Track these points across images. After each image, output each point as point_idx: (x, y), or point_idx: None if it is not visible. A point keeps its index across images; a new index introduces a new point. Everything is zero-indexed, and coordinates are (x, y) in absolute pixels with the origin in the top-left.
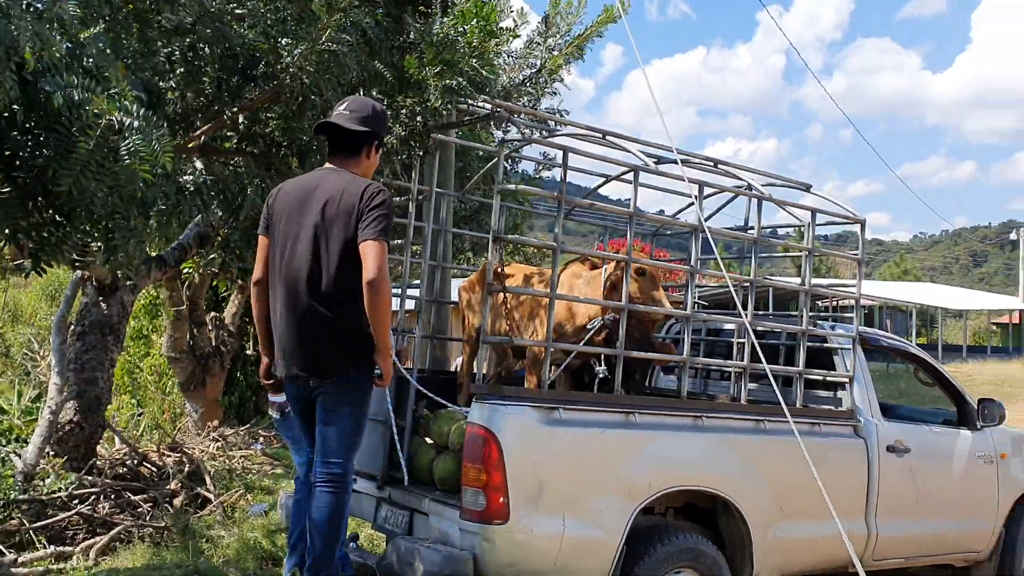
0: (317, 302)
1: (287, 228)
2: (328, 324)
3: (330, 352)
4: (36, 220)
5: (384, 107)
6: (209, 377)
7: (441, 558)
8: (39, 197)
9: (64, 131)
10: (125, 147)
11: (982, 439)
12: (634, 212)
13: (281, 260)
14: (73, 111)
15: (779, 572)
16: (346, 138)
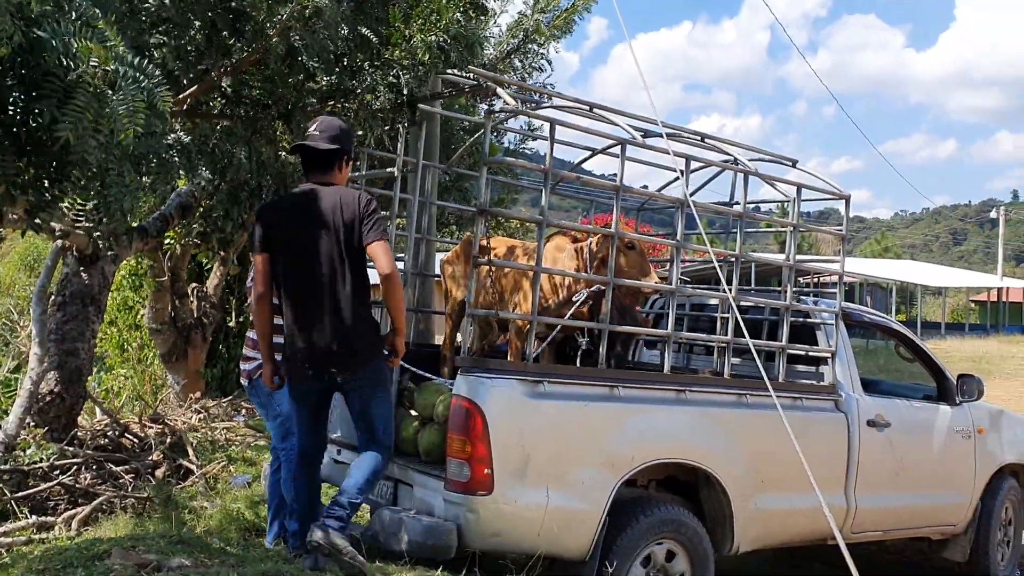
0: (340, 303)
1: (292, 241)
2: (351, 322)
3: (358, 347)
4: (31, 176)
5: (349, 127)
6: (191, 349)
7: (425, 528)
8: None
9: (60, 81)
10: (119, 98)
11: (961, 414)
12: (620, 186)
13: (294, 270)
14: (68, 60)
15: (759, 543)
16: (320, 157)
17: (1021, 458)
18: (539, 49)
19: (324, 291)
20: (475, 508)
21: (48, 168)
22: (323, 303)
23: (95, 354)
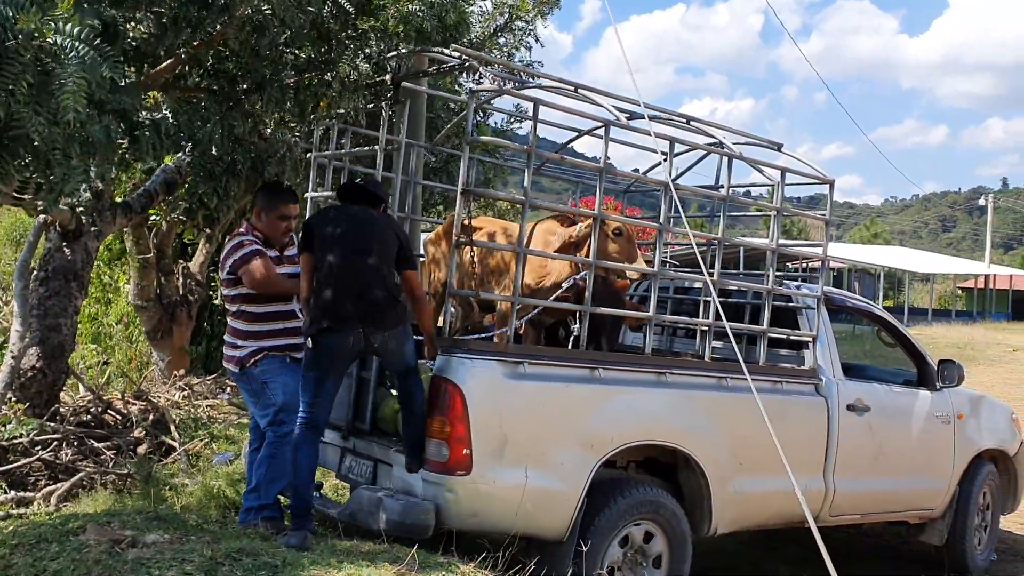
0: (383, 282)
1: (344, 242)
2: (389, 295)
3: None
4: None
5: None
6: (176, 326)
7: (404, 508)
8: None
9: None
10: (63, 74)
11: (941, 399)
12: (604, 168)
13: (341, 263)
14: (5, 31)
15: (737, 525)
16: (372, 198)
17: (1000, 444)
18: (526, 27)
19: (368, 275)
20: (454, 488)
21: None
22: (368, 280)
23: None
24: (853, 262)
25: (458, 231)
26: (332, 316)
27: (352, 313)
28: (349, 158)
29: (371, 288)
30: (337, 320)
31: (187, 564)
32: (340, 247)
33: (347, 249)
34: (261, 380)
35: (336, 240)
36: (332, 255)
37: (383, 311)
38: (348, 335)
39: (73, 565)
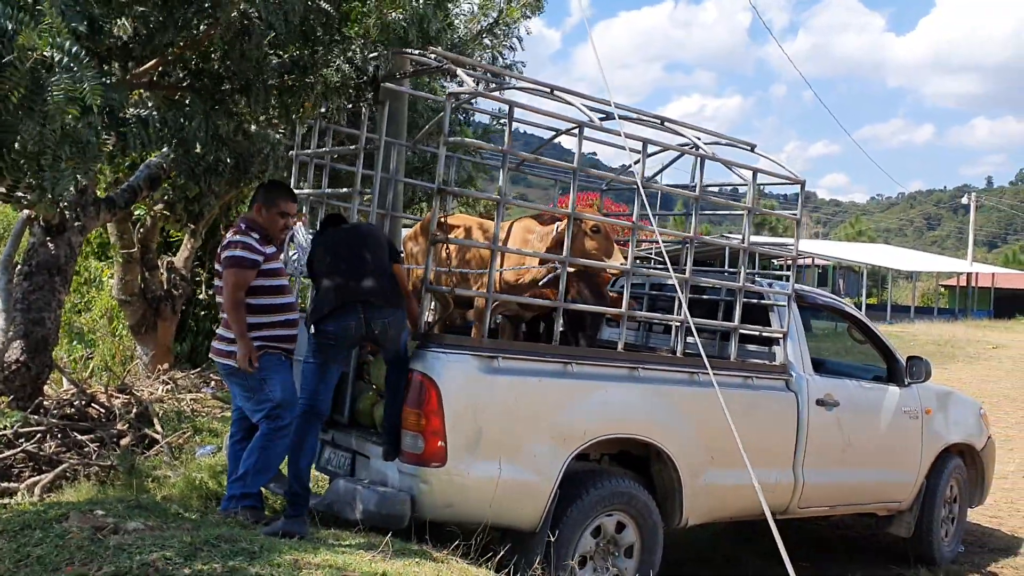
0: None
1: (338, 247)
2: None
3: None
4: None
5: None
6: (160, 321)
7: (380, 498)
8: None
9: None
10: (54, 83)
11: (909, 395)
12: (577, 167)
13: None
14: (4, 42)
15: (708, 517)
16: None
17: (967, 438)
18: (510, 28)
19: (366, 264)
20: (428, 479)
21: None
22: (365, 270)
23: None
24: (838, 260)
25: (434, 229)
26: (335, 301)
27: (354, 297)
28: (331, 156)
29: (369, 276)
30: (341, 304)
31: (167, 550)
32: (336, 250)
33: (343, 250)
34: (259, 376)
35: (330, 247)
36: (329, 257)
37: (383, 295)
38: (351, 319)
39: (56, 551)
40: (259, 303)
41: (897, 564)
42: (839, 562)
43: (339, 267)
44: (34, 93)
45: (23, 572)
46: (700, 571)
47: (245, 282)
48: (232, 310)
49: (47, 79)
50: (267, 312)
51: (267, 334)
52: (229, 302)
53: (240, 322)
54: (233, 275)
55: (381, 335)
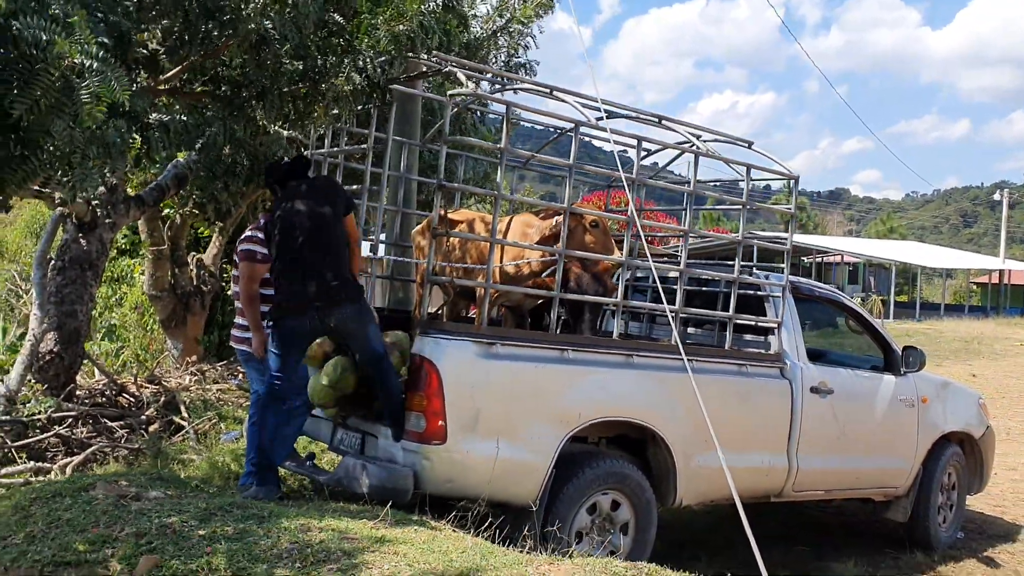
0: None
1: (293, 235)
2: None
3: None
4: (2, 156)
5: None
6: (190, 315)
7: (385, 473)
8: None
9: (27, 66)
10: (84, 87)
11: (905, 384)
12: (573, 164)
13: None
14: (39, 51)
15: (701, 498)
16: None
17: (965, 427)
18: (524, 28)
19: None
20: (430, 456)
21: (17, 145)
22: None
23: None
24: (868, 257)
25: (435, 223)
26: (291, 302)
27: (308, 297)
28: (344, 156)
29: (323, 273)
30: (295, 305)
31: (184, 514)
32: (291, 239)
33: (297, 240)
34: None
35: (286, 233)
36: (286, 247)
37: (335, 292)
38: (307, 318)
39: (83, 515)
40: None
41: (894, 549)
42: (837, 546)
43: (295, 259)
44: (65, 96)
45: (54, 532)
46: (698, 553)
47: (257, 275)
48: (247, 302)
49: (78, 84)
50: None
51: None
52: (244, 294)
53: (255, 313)
54: (246, 268)
55: (340, 328)
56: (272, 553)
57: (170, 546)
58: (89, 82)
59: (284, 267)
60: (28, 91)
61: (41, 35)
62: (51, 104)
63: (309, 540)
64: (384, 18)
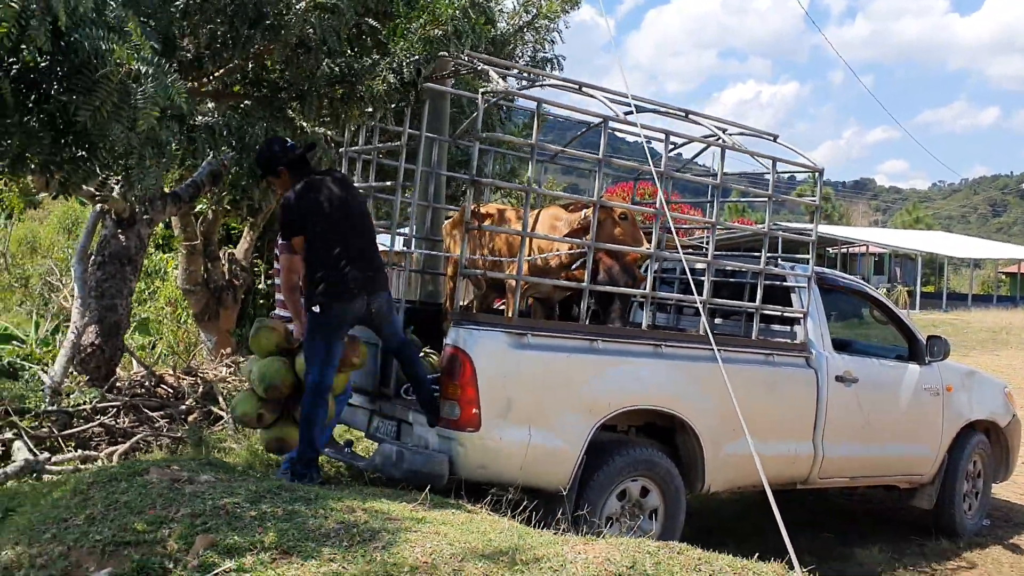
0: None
1: (343, 217)
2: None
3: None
4: (65, 155)
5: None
6: (222, 309)
7: (421, 459)
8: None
9: (88, 74)
10: (141, 92)
11: (930, 373)
12: (602, 158)
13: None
14: (98, 59)
15: (729, 485)
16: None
17: (990, 415)
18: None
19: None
20: (464, 443)
21: (78, 149)
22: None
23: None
24: (894, 247)
25: (468, 217)
26: (344, 286)
27: (361, 282)
28: (378, 152)
29: (372, 260)
30: (347, 289)
31: (236, 496)
32: (342, 226)
33: (349, 227)
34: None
35: (336, 220)
36: (336, 233)
37: (381, 279)
38: (356, 302)
39: (140, 497)
40: None
41: (920, 536)
42: (862, 533)
43: (349, 243)
44: (123, 101)
45: (112, 514)
46: (725, 540)
47: (297, 267)
48: (287, 292)
49: (134, 89)
50: None
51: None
52: (285, 285)
53: (295, 303)
54: (287, 260)
55: (376, 313)
56: (320, 532)
57: (224, 526)
58: (145, 87)
59: (337, 252)
60: (91, 98)
61: (100, 44)
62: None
63: (354, 520)
64: (419, 23)
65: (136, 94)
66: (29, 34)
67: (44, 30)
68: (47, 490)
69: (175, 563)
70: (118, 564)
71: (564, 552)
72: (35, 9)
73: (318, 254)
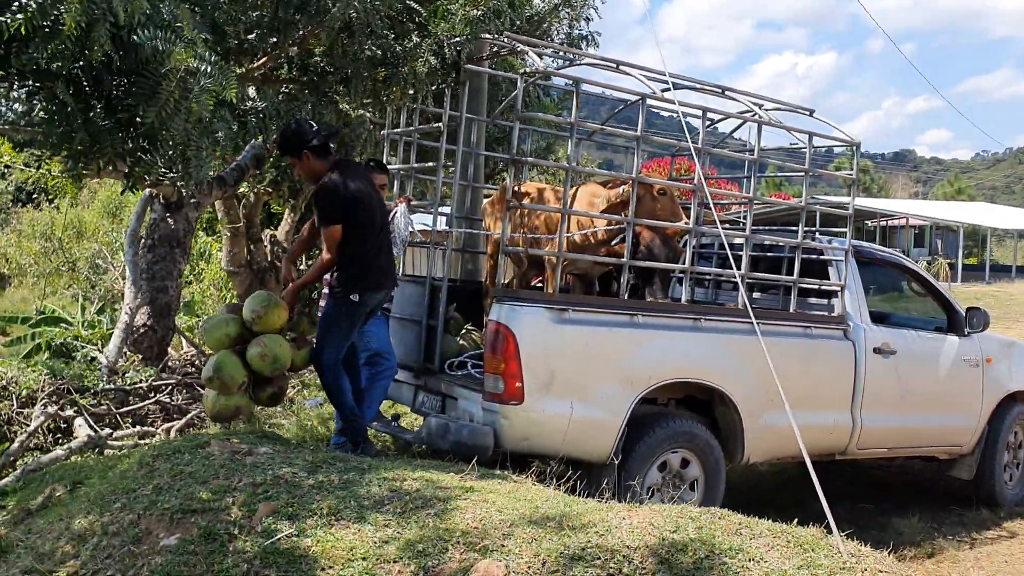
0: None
1: (378, 215)
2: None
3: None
4: (131, 147)
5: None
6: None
7: (467, 431)
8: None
9: (150, 76)
10: (198, 86)
11: (969, 344)
12: (640, 135)
13: (381, 234)
14: (157, 58)
15: (768, 456)
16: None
17: None
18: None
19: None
20: (508, 415)
21: (142, 141)
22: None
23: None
24: (935, 219)
25: (509, 196)
26: (381, 279)
27: (388, 273)
28: (417, 134)
29: (391, 256)
30: (383, 282)
31: (294, 466)
32: (376, 219)
33: (380, 221)
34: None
35: (372, 213)
36: (372, 226)
37: (394, 271)
38: (381, 293)
39: (203, 468)
40: None
41: (959, 506)
42: (901, 504)
43: (380, 237)
44: (182, 97)
45: (178, 484)
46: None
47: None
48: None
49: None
50: None
51: None
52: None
53: (319, 273)
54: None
55: (380, 306)
56: (374, 500)
57: (283, 494)
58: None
59: (374, 245)
60: (156, 100)
61: (158, 44)
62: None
63: (406, 489)
64: (460, 3)
65: (194, 89)
66: (92, 36)
67: (105, 31)
68: (112, 463)
69: (239, 529)
70: (185, 531)
71: (609, 518)
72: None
73: (359, 243)
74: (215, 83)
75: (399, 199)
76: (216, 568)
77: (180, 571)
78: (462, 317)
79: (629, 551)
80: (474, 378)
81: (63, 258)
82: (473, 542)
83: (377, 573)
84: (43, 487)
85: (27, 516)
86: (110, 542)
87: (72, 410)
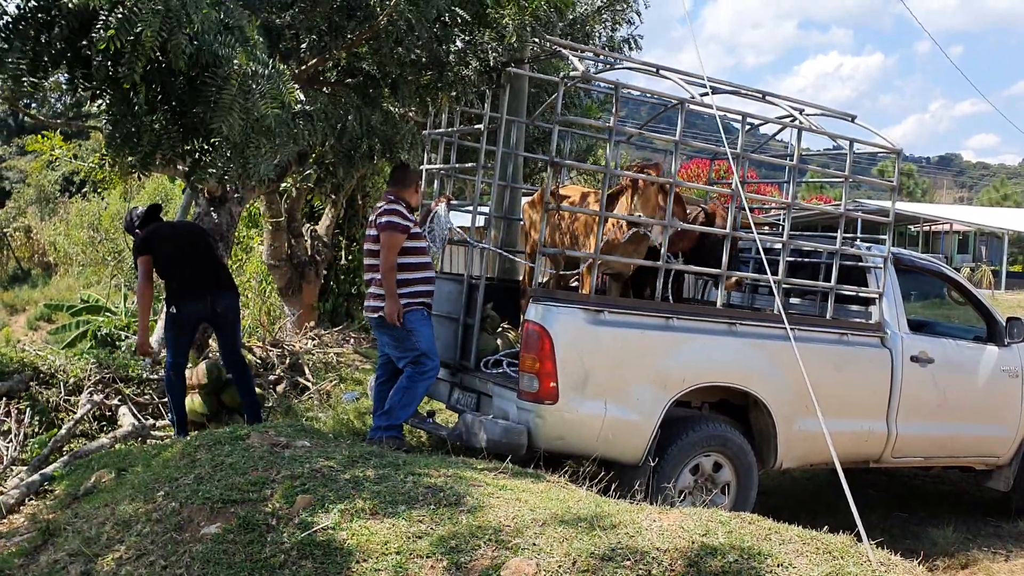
0: (217, 267)
1: (182, 244)
2: (221, 275)
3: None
4: (192, 148)
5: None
6: (305, 284)
7: (501, 429)
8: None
9: (214, 81)
10: (258, 90)
11: (1009, 354)
12: (678, 141)
13: (189, 255)
14: (219, 62)
15: (801, 462)
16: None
17: None
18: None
19: (208, 258)
20: (543, 414)
21: (203, 143)
22: (208, 263)
23: None
24: (979, 225)
25: (547, 198)
26: (191, 290)
27: (204, 287)
28: (458, 135)
29: (212, 268)
30: (194, 292)
31: (331, 460)
32: (182, 247)
33: (188, 247)
34: (407, 328)
35: (176, 244)
36: (179, 253)
37: (222, 283)
38: (201, 302)
39: (243, 459)
40: (405, 263)
41: (995, 518)
42: (936, 514)
43: (190, 258)
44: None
45: (219, 475)
46: (798, 515)
47: (399, 244)
48: (388, 271)
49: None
50: (412, 271)
51: (412, 290)
52: (386, 264)
53: (392, 282)
54: (390, 238)
55: (222, 313)
56: (409, 495)
57: (321, 487)
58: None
59: (180, 265)
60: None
61: (220, 49)
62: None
63: (440, 485)
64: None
65: (255, 93)
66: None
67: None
68: (155, 452)
69: (277, 520)
70: (226, 520)
71: (640, 520)
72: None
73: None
74: (273, 87)
75: (439, 198)
76: (255, 558)
77: (220, 559)
78: (498, 315)
79: (659, 553)
80: (509, 377)
81: (109, 248)
82: (505, 540)
83: (410, 567)
84: (89, 473)
85: (74, 501)
86: (153, 528)
87: (117, 399)
